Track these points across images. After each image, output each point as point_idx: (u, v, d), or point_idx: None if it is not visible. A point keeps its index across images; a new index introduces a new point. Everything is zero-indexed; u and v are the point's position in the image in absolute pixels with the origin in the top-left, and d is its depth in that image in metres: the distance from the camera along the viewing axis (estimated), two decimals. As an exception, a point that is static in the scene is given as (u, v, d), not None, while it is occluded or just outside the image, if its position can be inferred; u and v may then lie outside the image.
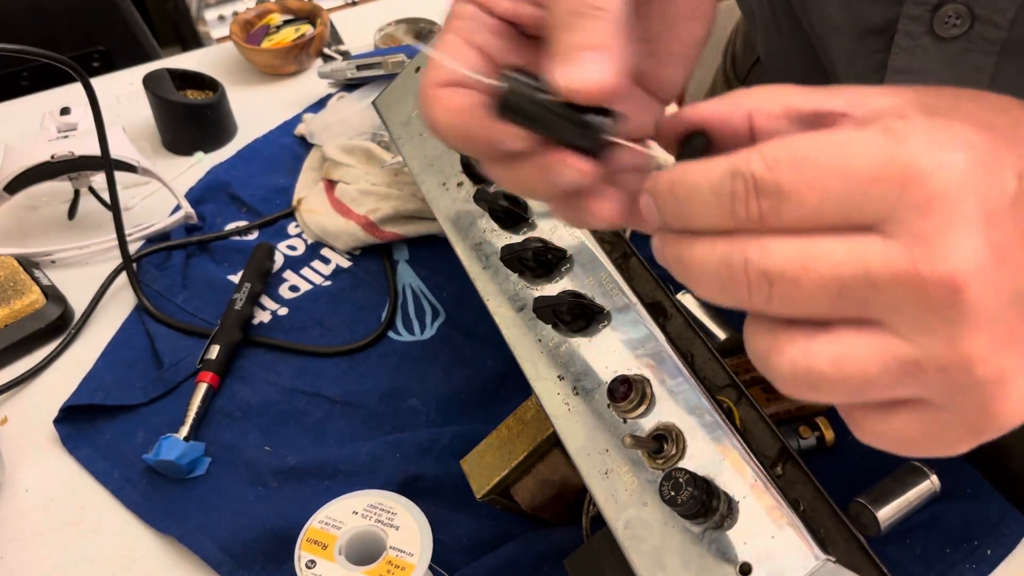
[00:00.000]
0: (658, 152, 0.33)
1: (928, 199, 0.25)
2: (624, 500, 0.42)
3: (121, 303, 0.76)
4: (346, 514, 0.50)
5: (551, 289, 0.50)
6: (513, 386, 0.68)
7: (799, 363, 0.27)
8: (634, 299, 0.47)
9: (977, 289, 0.25)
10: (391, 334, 0.73)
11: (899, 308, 0.25)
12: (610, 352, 0.46)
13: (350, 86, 0.93)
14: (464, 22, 0.36)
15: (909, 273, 0.25)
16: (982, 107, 0.28)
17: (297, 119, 0.93)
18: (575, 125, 0.30)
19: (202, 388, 0.67)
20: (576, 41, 0.31)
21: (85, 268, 0.79)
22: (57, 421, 0.66)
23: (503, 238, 0.54)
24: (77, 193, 0.81)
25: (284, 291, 0.77)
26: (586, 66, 0.30)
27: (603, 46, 0.31)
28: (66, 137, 0.79)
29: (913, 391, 0.27)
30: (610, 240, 0.51)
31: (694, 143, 0.31)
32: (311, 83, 0.98)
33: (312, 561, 0.49)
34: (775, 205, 0.26)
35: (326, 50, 1.00)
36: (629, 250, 0.51)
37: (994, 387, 0.26)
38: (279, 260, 0.79)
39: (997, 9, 0.43)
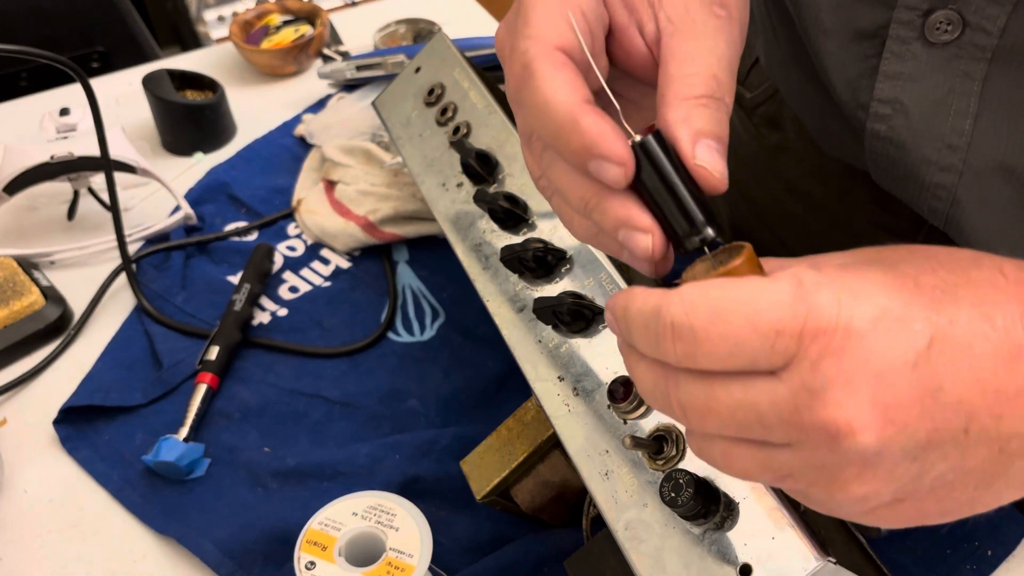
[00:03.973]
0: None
1: (821, 355, 0.27)
2: (624, 501, 0.42)
3: (120, 304, 0.76)
4: (346, 515, 0.50)
5: (551, 290, 0.50)
6: (513, 387, 0.68)
7: (704, 454, 0.32)
8: (634, 300, 0.46)
9: (860, 444, 0.27)
10: (391, 335, 0.73)
11: (792, 442, 0.29)
12: (610, 353, 0.46)
13: (350, 86, 0.93)
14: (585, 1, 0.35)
15: (794, 420, 0.28)
16: (923, 266, 0.30)
17: (297, 119, 0.93)
18: (686, 213, 0.32)
19: (201, 389, 0.67)
20: (712, 129, 0.33)
21: (84, 269, 0.79)
22: (56, 422, 0.66)
23: (503, 239, 0.54)
24: (76, 194, 0.81)
25: (283, 292, 0.77)
26: (719, 160, 0.32)
27: (725, 143, 0.33)
28: (65, 138, 0.79)
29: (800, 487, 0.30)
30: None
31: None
32: (311, 83, 0.98)
33: (312, 562, 0.48)
34: (690, 351, 0.28)
35: (326, 50, 1.00)
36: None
37: (855, 501, 0.29)
38: (278, 261, 0.79)
39: (988, 16, 0.43)
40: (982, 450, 0.28)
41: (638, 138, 0.32)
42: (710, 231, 0.32)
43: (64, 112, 0.82)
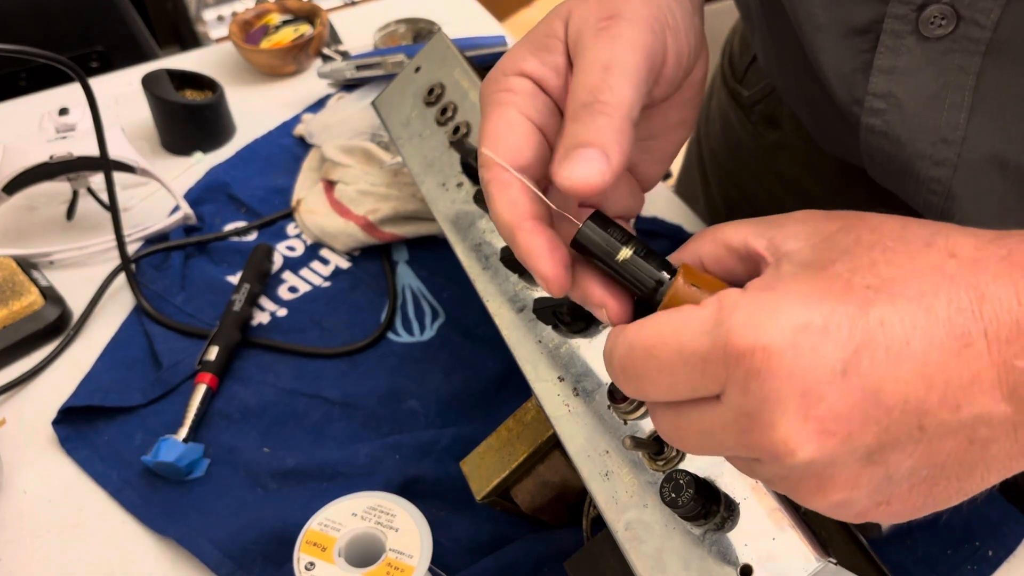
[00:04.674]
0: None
1: (747, 378, 0.28)
2: (625, 502, 0.41)
3: (120, 304, 0.76)
4: (345, 516, 0.50)
5: (551, 290, 0.50)
6: (513, 387, 0.68)
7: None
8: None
9: (801, 459, 0.28)
10: (390, 335, 0.73)
11: (754, 457, 0.30)
12: (610, 353, 0.46)
13: (349, 86, 0.93)
14: (521, 97, 0.39)
15: (743, 441, 0.29)
16: (861, 261, 0.30)
17: (296, 119, 0.93)
18: (633, 280, 0.35)
19: (201, 389, 0.67)
20: (580, 136, 0.35)
21: (84, 269, 0.79)
22: (55, 423, 0.66)
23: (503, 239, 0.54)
24: (76, 194, 0.81)
25: (283, 292, 0.77)
26: (583, 166, 0.34)
27: (603, 144, 0.35)
28: (64, 138, 0.79)
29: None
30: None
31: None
32: (310, 83, 0.98)
33: (311, 563, 0.48)
34: (639, 387, 0.31)
35: (325, 50, 1.00)
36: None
37: (835, 505, 0.30)
38: (278, 261, 0.79)
39: (981, 10, 0.43)
40: (948, 443, 0.28)
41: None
42: (664, 280, 0.34)
43: (63, 112, 0.82)
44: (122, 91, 0.97)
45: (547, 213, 0.37)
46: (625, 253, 0.35)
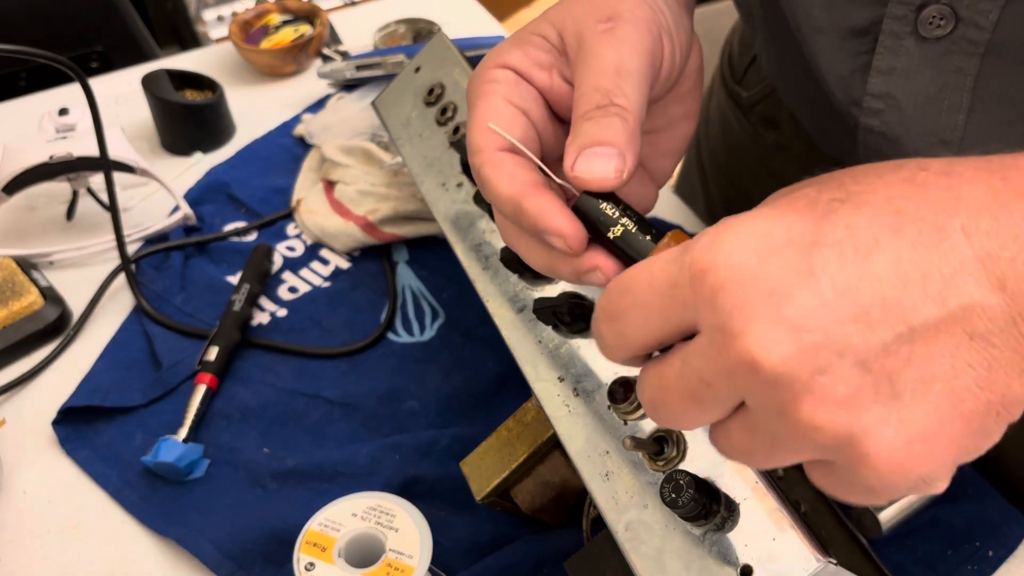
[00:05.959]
0: None
1: (714, 293, 0.27)
2: (624, 502, 0.41)
3: (119, 304, 0.76)
4: (345, 516, 0.50)
5: (551, 290, 0.50)
6: (513, 388, 0.68)
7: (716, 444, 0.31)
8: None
9: (780, 363, 0.26)
10: (390, 335, 0.73)
11: (740, 393, 0.28)
12: (610, 353, 0.46)
13: (349, 86, 0.93)
14: (504, 86, 0.40)
15: (722, 366, 0.27)
16: (828, 183, 0.29)
17: (296, 119, 0.93)
18: (629, 247, 0.35)
19: (201, 390, 0.67)
20: (596, 136, 0.36)
21: (83, 269, 0.79)
22: (55, 423, 0.66)
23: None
24: (75, 194, 0.81)
25: (283, 292, 0.77)
26: (600, 163, 0.36)
27: (618, 143, 0.36)
28: (64, 138, 0.79)
29: (805, 456, 0.29)
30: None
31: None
32: (310, 83, 0.98)
33: (311, 563, 0.48)
34: (617, 329, 0.31)
35: (325, 50, 1.00)
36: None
37: (854, 444, 0.27)
38: (278, 261, 0.79)
39: (980, 11, 0.43)
40: (945, 340, 0.26)
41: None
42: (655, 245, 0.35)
43: (63, 112, 0.82)
44: (122, 91, 0.97)
45: (547, 184, 0.38)
46: (625, 220, 0.35)
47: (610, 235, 0.35)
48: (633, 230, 0.35)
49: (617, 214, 0.36)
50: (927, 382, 0.26)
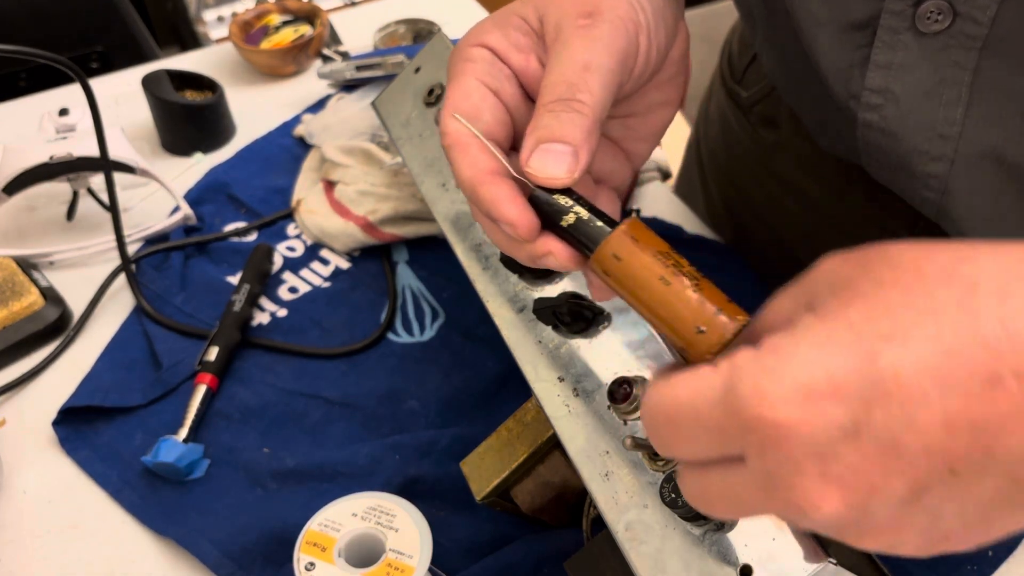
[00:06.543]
0: None
1: (762, 447, 0.28)
2: (624, 502, 0.41)
3: (120, 304, 0.76)
4: (345, 516, 0.50)
5: (551, 290, 0.50)
6: (513, 388, 0.68)
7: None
8: (634, 300, 0.46)
9: (827, 516, 0.28)
10: (390, 335, 0.73)
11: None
12: (611, 353, 0.46)
13: (349, 87, 0.93)
14: (480, 65, 0.41)
15: (771, 505, 0.29)
16: (874, 307, 0.28)
17: (296, 120, 0.93)
18: (583, 235, 0.37)
19: (201, 390, 0.67)
20: (554, 131, 0.37)
21: (84, 269, 0.79)
22: (55, 423, 0.66)
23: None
24: (76, 194, 0.81)
25: (283, 292, 0.77)
26: (552, 161, 0.37)
27: (575, 141, 0.37)
28: (64, 138, 0.79)
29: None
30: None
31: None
32: (310, 84, 0.98)
33: (311, 563, 0.48)
34: (669, 451, 0.32)
35: (325, 51, 1.00)
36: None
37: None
38: (278, 261, 0.79)
39: (978, 6, 0.43)
40: (988, 483, 0.27)
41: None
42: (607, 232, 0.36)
43: (63, 112, 0.82)
44: (122, 91, 0.97)
45: (507, 173, 0.39)
46: (578, 209, 0.37)
47: (563, 223, 0.37)
48: (586, 217, 0.37)
49: (570, 203, 0.37)
50: (966, 511, 0.28)
